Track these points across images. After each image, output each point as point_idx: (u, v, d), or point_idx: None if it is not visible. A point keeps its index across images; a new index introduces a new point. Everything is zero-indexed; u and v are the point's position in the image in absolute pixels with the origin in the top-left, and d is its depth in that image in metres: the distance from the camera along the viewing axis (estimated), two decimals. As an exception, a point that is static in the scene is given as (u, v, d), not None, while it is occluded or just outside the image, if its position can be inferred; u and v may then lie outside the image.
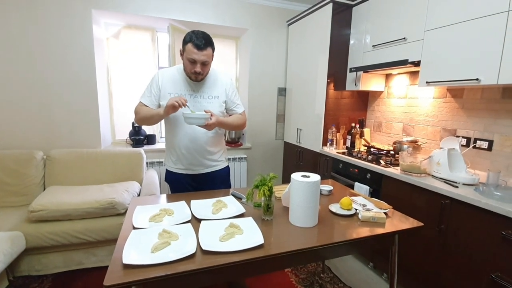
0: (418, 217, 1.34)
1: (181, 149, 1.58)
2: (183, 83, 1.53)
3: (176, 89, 1.52)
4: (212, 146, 1.63)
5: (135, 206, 1.30)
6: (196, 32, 1.42)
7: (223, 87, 1.60)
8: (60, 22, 2.37)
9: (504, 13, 1.41)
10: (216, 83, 1.59)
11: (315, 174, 1.21)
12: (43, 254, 1.85)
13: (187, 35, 1.43)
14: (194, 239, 1.00)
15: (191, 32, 1.43)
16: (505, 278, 1.25)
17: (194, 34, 1.41)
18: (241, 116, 1.67)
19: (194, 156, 1.59)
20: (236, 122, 1.63)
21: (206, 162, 1.64)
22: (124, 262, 0.85)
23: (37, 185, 2.24)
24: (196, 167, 1.63)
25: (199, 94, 1.54)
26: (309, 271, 2.07)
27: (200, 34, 1.42)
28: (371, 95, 2.76)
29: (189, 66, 1.45)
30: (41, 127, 2.45)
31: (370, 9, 2.31)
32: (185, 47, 1.43)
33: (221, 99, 1.59)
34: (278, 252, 0.98)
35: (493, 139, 1.75)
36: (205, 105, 1.53)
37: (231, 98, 1.63)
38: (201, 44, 1.40)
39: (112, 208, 1.90)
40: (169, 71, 1.57)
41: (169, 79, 1.53)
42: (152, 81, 1.54)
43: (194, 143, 1.56)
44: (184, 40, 1.43)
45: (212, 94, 1.57)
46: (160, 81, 1.52)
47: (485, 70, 1.51)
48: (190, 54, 1.41)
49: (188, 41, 1.41)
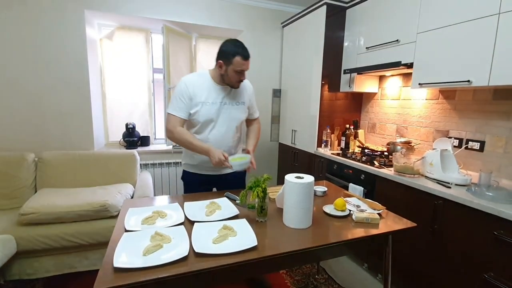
0: (411, 218, 1.35)
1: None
2: (213, 91, 1.55)
3: (208, 98, 1.53)
4: (234, 148, 1.69)
5: (127, 208, 1.29)
6: (239, 44, 1.47)
7: (247, 93, 1.67)
8: (52, 23, 2.34)
9: (494, 16, 1.43)
10: (242, 89, 1.64)
11: (309, 175, 1.21)
12: (34, 257, 1.82)
13: (228, 47, 1.46)
14: (187, 241, 0.99)
15: (231, 44, 1.47)
16: (498, 278, 1.27)
17: (238, 46, 1.46)
18: (258, 127, 1.80)
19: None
20: (258, 136, 1.78)
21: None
22: (115, 265, 0.83)
23: (28, 188, 2.20)
24: (217, 169, 1.63)
25: (228, 101, 1.58)
26: (304, 272, 2.07)
27: (243, 45, 1.48)
28: (365, 97, 2.78)
29: (235, 77, 1.50)
30: (32, 129, 2.42)
31: (364, 12, 2.32)
32: (232, 60, 1.45)
33: (246, 104, 1.66)
34: (272, 253, 0.97)
35: (485, 140, 1.77)
36: (234, 112, 1.60)
37: (252, 104, 1.73)
38: (248, 55, 1.47)
39: (104, 210, 1.87)
40: (196, 79, 1.55)
41: (199, 88, 1.53)
42: (181, 92, 1.51)
43: (221, 146, 1.57)
44: (228, 53, 1.46)
45: (239, 100, 1.63)
46: (190, 91, 1.51)
47: (477, 72, 1.53)
48: (239, 66, 1.46)
49: (235, 54, 1.44)
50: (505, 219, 1.22)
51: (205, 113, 1.52)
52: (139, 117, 3.01)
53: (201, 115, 1.52)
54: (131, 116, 2.97)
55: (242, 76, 1.52)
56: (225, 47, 1.47)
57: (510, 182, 1.63)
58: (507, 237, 1.22)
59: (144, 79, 2.97)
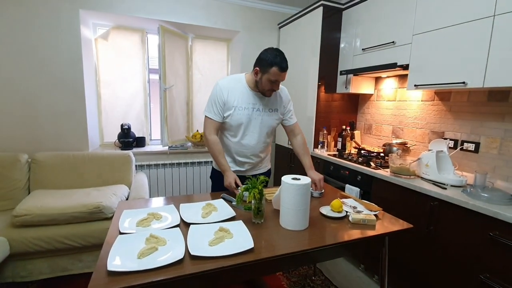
0: (407, 219, 1.35)
1: (236, 154, 1.63)
2: (247, 97, 1.55)
3: (241, 103, 1.54)
4: (264, 152, 1.71)
5: (122, 210, 1.27)
6: (278, 54, 1.43)
7: (283, 100, 1.65)
8: (46, 22, 2.31)
9: (489, 18, 1.44)
10: (277, 96, 1.63)
11: (305, 177, 1.21)
12: (28, 260, 1.79)
13: (268, 56, 1.43)
14: (182, 244, 0.98)
15: (271, 53, 1.43)
16: (494, 279, 1.27)
17: (277, 56, 1.42)
18: (304, 141, 1.73)
19: (247, 161, 1.66)
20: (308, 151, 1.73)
21: (256, 166, 1.71)
22: (109, 269, 0.82)
23: (21, 189, 2.16)
24: (245, 170, 1.68)
25: (261, 107, 1.58)
26: (301, 274, 2.07)
27: (282, 56, 1.44)
28: (361, 98, 2.79)
29: (268, 85, 1.48)
30: (25, 129, 2.38)
31: (360, 13, 2.33)
32: (268, 70, 1.43)
33: (280, 111, 1.65)
34: (269, 256, 0.96)
35: (480, 141, 1.79)
36: (266, 118, 1.60)
37: (288, 110, 1.69)
38: (286, 67, 1.44)
39: (99, 212, 1.85)
40: (232, 83, 1.56)
41: (234, 93, 1.54)
42: (216, 95, 1.53)
43: (251, 152, 1.63)
44: (266, 61, 1.43)
45: (273, 107, 1.62)
46: (225, 95, 1.52)
47: (472, 73, 1.54)
48: (274, 76, 1.44)
49: (272, 64, 1.41)
50: (500, 220, 1.23)
51: (237, 117, 1.54)
52: (134, 117, 2.99)
53: (233, 119, 1.54)
54: (126, 117, 2.95)
55: (275, 86, 1.49)
56: (265, 55, 1.44)
57: (504, 183, 1.65)
58: (503, 238, 1.23)
59: (139, 80, 2.95)
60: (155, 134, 3.15)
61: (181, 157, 2.96)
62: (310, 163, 1.65)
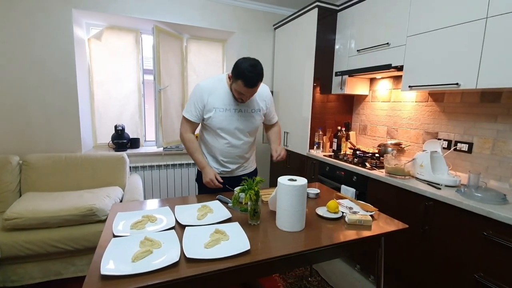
0: (403, 219, 1.36)
1: (220, 155, 1.62)
2: (227, 98, 1.52)
3: (222, 104, 1.52)
4: (248, 152, 1.70)
5: (116, 212, 1.25)
6: (252, 69, 1.34)
7: (264, 99, 1.64)
8: (38, 21, 2.27)
9: (482, 20, 1.46)
10: (259, 96, 1.61)
11: (302, 178, 1.20)
12: (18, 264, 1.75)
13: (240, 66, 1.35)
14: (177, 246, 0.97)
15: (244, 65, 1.35)
16: (488, 278, 1.28)
17: (249, 71, 1.33)
18: (278, 129, 1.81)
19: (231, 161, 1.65)
20: (280, 136, 1.82)
21: (241, 166, 1.70)
22: (102, 273, 0.80)
23: (12, 192, 2.12)
24: (230, 170, 1.67)
25: (244, 108, 1.57)
26: (297, 275, 2.06)
27: (255, 72, 1.35)
28: (356, 99, 2.80)
29: (236, 94, 1.46)
30: (16, 130, 2.33)
31: (355, 15, 2.35)
32: (236, 80, 1.38)
33: (263, 111, 1.65)
34: (265, 257, 0.96)
35: (473, 141, 1.81)
36: (249, 119, 1.59)
37: (270, 109, 1.70)
38: (252, 85, 1.38)
39: (92, 215, 1.82)
40: (212, 85, 1.53)
41: (214, 94, 1.51)
42: (196, 96, 1.51)
43: (234, 151, 1.61)
44: (236, 72, 1.37)
45: (255, 107, 1.60)
46: (205, 97, 1.50)
47: (465, 75, 1.55)
48: (239, 89, 1.40)
49: (239, 77, 1.36)
50: (494, 220, 1.24)
51: (218, 119, 1.52)
52: (129, 118, 2.96)
53: (215, 121, 1.52)
54: (120, 118, 2.91)
55: (243, 97, 1.45)
56: (238, 64, 1.38)
57: (497, 183, 1.67)
58: (496, 237, 1.24)
59: (134, 80, 2.92)
60: (149, 135, 3.12)
61: (176, 158, 2.94)
62: (277, 142, 1.74)
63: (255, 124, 1.62)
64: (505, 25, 1.37)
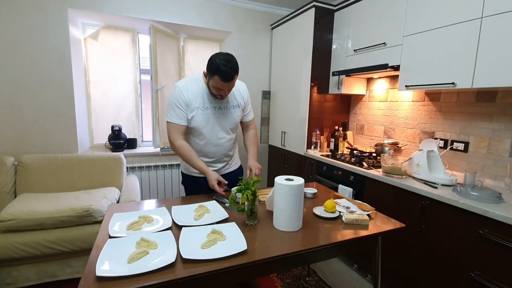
0: (400, 218, 1.36)
1: (205, 156, 1.63)
2: (207, 97, 1.54)
3: (201, 103, 1.53)
4: (231, 149, 1.72)
5: (112, 213, 1.24)
6: (226, 62, 1.36)
7: (241, 95, 1.65)
8: (33, 21, 2.25)
9: (477, 20, 1.47)
10: (236, 91, 1.62)
11: (299, 177, 1.20)
12: (13, 266, 1.74)
13: (214, 62, 1.37)
14: (174, 247, 0.96)
15: (218, 60, 1.36)
16: (484, 277, 1.29)
17: (224, 64, 1.35)
18: (255, 133, 1.78)
19: (216, 160, 1.66)
20: (257, 142, 1.76)
21: (226, 164, 1.72)
22: (98, 274, 0.79)
23: (7, 193, 2.10)
24: (216, 170, 1.66)
25: (223, 105, 1.58)
26: (295, 275, 2.06)
27: (230, 65, 1.37)
28: (353, 99, 2.81)
29: (214, 91, 1.47)
30: (12, 131, 2.31)
31: (352, 14, 2.35)
32: (212, 76, 1.40)
33: (241, 106, 1.66)
34: (262, 258, 0.95)
35: (469, 140, 1.82)
36: (229, 115, 1.60)
37: (247, 105, 1.70)
38: (229, 78, 1.39)
39: (88, 216, 1.81)
40: (190, 85, 1.52)
41: (193, 94, 1.51)
42: (176, 98, 1.49)
43: (218, 149, 1.63)
44: (212, 67, 1.39)
45: (234, 103, 1.62)
46: (185, 97, 1.49)
47: (461, 74, 1.56)
48: (216, 84, 1.42)
49: (215, 72, 1.37)
50: (490, 218, 1.25)
51: (199, 118, 1.52)
52: (125, 119, 2.94)
53: (197, 121, 1.52)
54: (117, 118, 2.90)
55: (222, 92, 1.46)
56: (212, 60, 1.39)
57: (493, 182, 1.68)
58: (492, 236, 1.24)
59: (130, 80, 2.91)
60: (146, 136, 3.11)
61: (173, 159, 2.92)
62: (254, 152, 1.69)
63: (235, 120, 1.63)
64: (500, 24, 1.38)
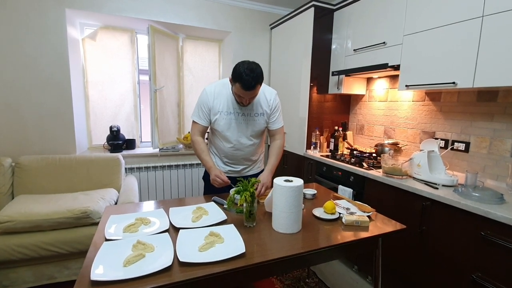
0: (400, 219, 1.34)
1: (225, 157, 1.67)
2: (231, 102, 1.55)
3: (226, 108, 1.55)
4: (254, 154, 1.71)
5: (109, 215, 1.23)
6: (249, 72, 1.34)
7: (268, 103, 1.62)
8: (31, 21, 2.24)
9: (478, 19, 1.45)
10: (262, 100, 1.60)
11: (298, 178, 1.18)
12: (11, 268, 1.72)
13: (238, 69, 1.36)
14: (171, 250, 0.94)
15: (242, 68, 1.35)
16: (486, 278, 1.27)
17: (247, 74, 1.34)
18: (280, 145, 1.68)
19: (236, 163, 1.68)
20: (280, 154, 1.68)
21: (248, 167, 1.73)
22: (92, 278, 0.78)
23: (4, 195, 2.08)
24: (238, 170, 1.70)
25: (247, 112, 1.58)
26: (294, 276, 2.04)
27: (253, 75, 1.34)
28: (353, 99, 2.79)
29: (236, 97, 1.49)
30: (9, 132, 2.30)
31: (351, 14, 2.34)
32: (234, 83, 1.41)
33: (266, 115, 1.63)
34: (261, 260, 0.94)
35: (470, 141, 1.80)
36: (252, 123, 1.60)
37: (273, 113, 1.65)
38: (250, 87, 1.37)
39: (86, 217, 1.79)
40: (217, 88, 1.56)
41: (218, 98, 1.55)
42: (202, 101, 1.56)
43: (239, 153, 1.64)
44: (235, 75, 1.38)
45: (258, 111, 1.60)
46: (210, 101, 1.54)
47: (461, 73, 1.55)
48: (238, 92, 1.42)
49: (237, 80, 1.37)
50: (491, 220, 1.23)
51: (222, 122, 1.56)
52: (124, 119, 2.92)
53: (219, 124, 1.56)
54: (115, 119, 2.88)
55: (243, 100, 1.46)
56: (236, 67, 1.39)
57: (494, 182, 1.66)
58: (494, 237, 1.23)
59: (129, 81, 2.89)
60: (145, 136, 3.09)
61: (172, 160, 2.91)
62: (272, 165, 1.61)
63: (258, 127, 1.62)
64: (501, 23, 1.36)
